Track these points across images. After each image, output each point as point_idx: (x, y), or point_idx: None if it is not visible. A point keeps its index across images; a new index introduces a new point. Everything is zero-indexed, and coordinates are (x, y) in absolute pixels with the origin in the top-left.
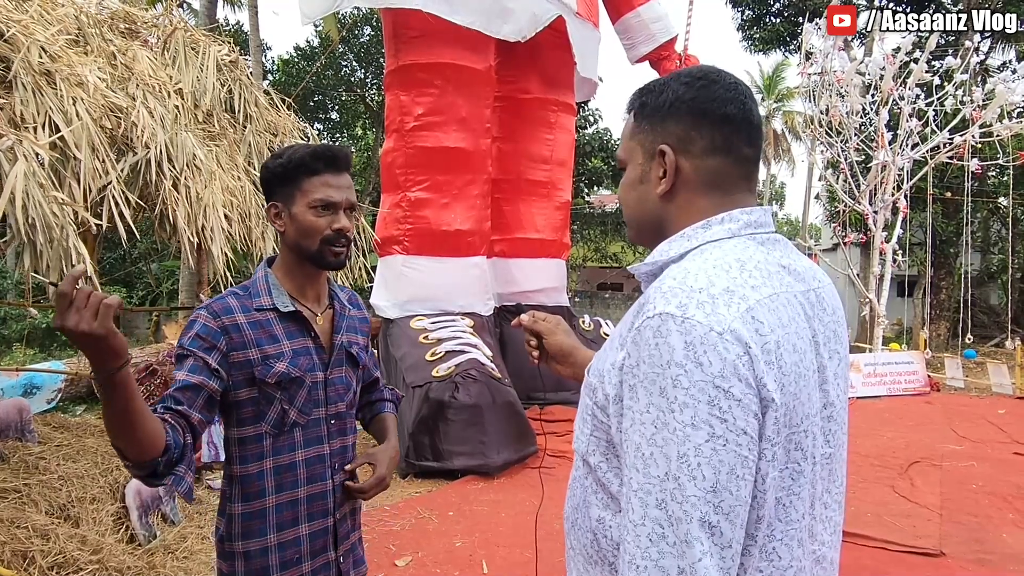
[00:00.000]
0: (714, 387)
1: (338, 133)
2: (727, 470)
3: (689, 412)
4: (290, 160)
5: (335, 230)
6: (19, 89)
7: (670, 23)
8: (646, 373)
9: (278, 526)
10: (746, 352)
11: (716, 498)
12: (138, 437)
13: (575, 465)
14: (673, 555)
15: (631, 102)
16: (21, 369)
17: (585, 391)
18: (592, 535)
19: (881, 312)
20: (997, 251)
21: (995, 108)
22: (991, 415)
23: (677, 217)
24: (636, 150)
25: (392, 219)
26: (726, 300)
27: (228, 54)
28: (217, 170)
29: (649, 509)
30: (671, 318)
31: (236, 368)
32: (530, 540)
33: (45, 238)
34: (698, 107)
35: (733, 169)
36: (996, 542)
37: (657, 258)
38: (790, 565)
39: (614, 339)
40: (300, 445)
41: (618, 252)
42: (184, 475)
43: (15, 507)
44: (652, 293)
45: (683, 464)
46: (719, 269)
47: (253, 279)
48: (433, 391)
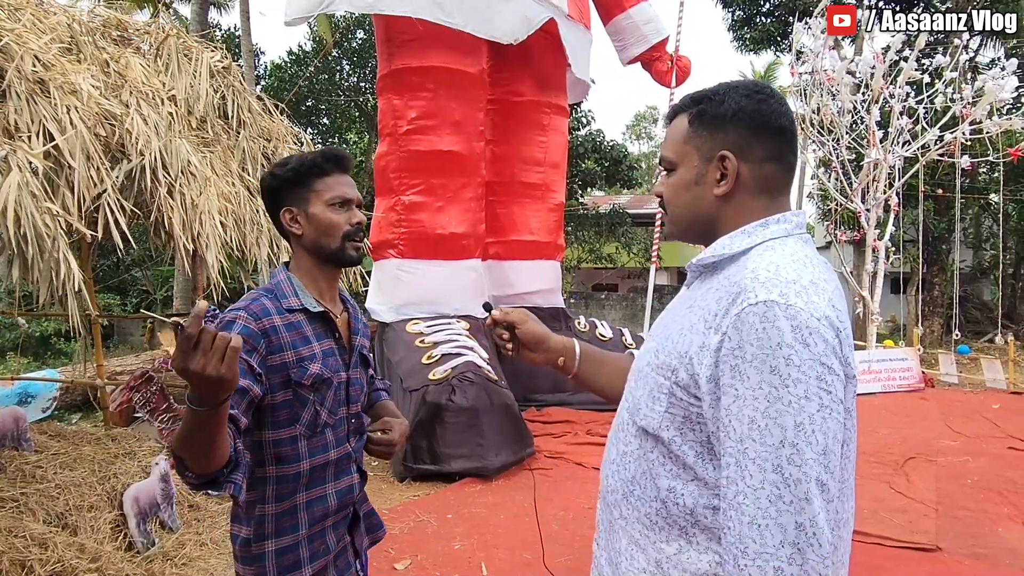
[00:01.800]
0: (820, 364)
1: (331, 138)
2: (832, 435)
3: (802, 386)
4: (301, 164)
5: (354, 224)
6: (13, 98)
7: (661, 24)
8: (754, 354)
9: (309, 522)
10: (837, 336)
11: (825, 459)
12: (213, 456)
13: (621, 440)
14: (791, 512)
15: (682, 108)
16: (16, 378)
17: (659, 371)
18: (661, 503)
19: (875, 310)
20: (989, 247)
21: (984, 105)
22: (985, 410)
23: (731, 217)
24: (691, 153)
25: (387, 223)
26: (816, 291)
27: (221, 60)
28: (212, 176)
29: (767, 474)
30: (776, 305)
31: (273, 371)
32: (529, 541)
33: (36, 250)
34: (758, 118)
35: (782, 175)
36: (991, 536)
37: (721, 251)
38: (843, 516)
39: (697, 323)
40: (332, 445)
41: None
42: (241, 483)
43: (12, 516)
44: (747, 283)
45: (800, 432)
46: (799, 264)
47: (275, 281)
48: (430, 394)
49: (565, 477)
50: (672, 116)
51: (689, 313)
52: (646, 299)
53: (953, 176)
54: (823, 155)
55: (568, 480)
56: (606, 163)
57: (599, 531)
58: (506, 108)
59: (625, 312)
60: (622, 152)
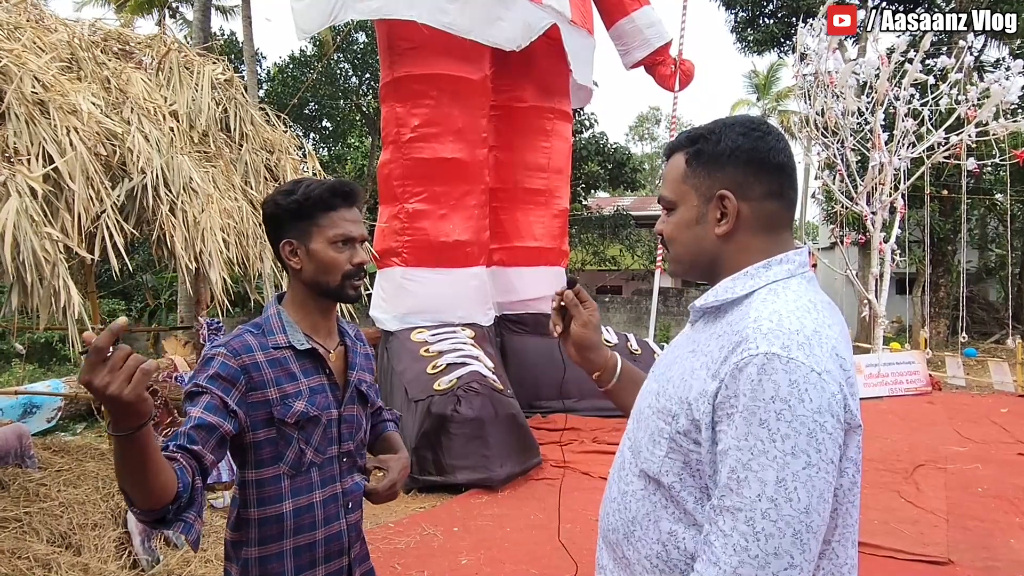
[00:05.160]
0: (813, 421)
1: (333, 142)
2: (818, 494)
3: (790, 442)
4: (307, 197)
5: (355, 264)
6: (12, 120)
7: (664, 28)
8: (746, 405)
9: (296, 569)
10: (840, 390)
11: (808, 518)
12: (149, 488)
13: (623, 479)
14: (753, 565)
15: (679, 146)
16: (20, 392)
17: (659, 415)
18: (662, 546)
19: (881, 312)
20: (995, 247)
21: (990, 107)
22: (994, 414)
23: (733, 256)
24: (690, 193)
25: (390, 231)
26: (818, 341)
27: (223, 72)
28: (214, 192)
29: (739, 524)
30: (777, 358)
31: (254, 408)
32: (535, 556)
33: (35, 276)
34: (756, 156)
35: (783, 212)
36: (1004, 548)
37: (724, 295)
38: (845, 562)
39: (699, 369)
40: (317, 486)
41: (616, 255)
42: (193, 522)
43: (16, 537)
44: (750, 332)
45: (780, 487)
46: (802, 310)
47: (265, 317)
48: (435, 405)
49: (572, 488)
50: (669, 154)
51: (692, 358)
52: (651, 302)
53: (958, 177)
54: (827, 157)
55: (575, 491)
56: (609, 165)
57: (599, 568)
58: (509, 114)
59: (630, 315)
60: (625, 154)
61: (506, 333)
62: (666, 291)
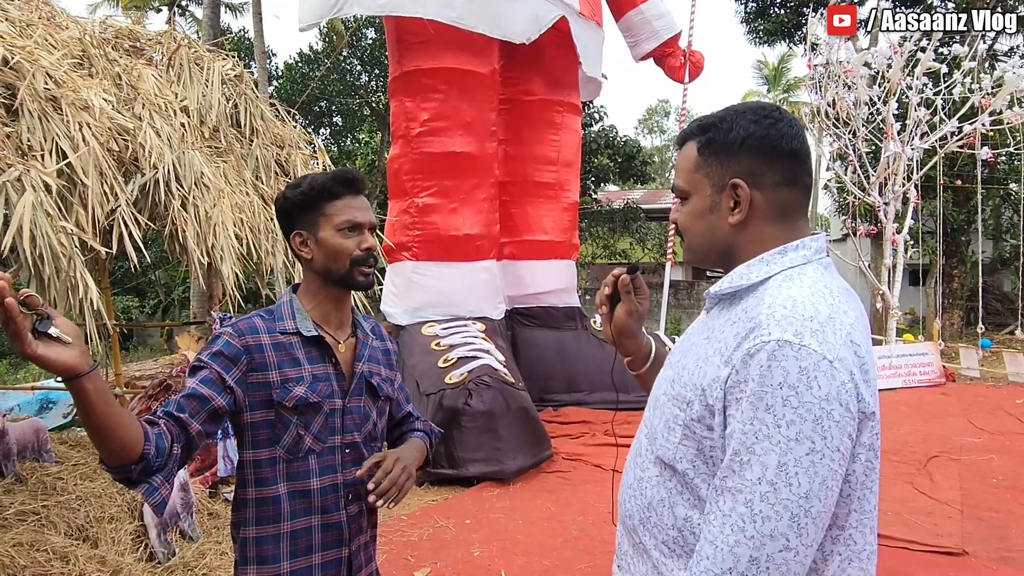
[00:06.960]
0: (820, 408)
1: (343, 137)
2: (820, 480)
3: (795, 428)
4: (311, 187)
5: (364, 250)
6: (25, 116)
7: (673, 19)
8: (753, 390)
9: (292, 554)
10: (851, 378)
11: (807, 503)
12: (108, 443)
13: (639, 465)
14: (748, 545)
15: (690, 135)
16: (36, 388)
17: (674, 402)
18: (678, 532)
19: (894, 304)
20: (1009, 238)
21: (1004, 95)
22: (1009, 405)
23: (748, 244)
24: (703, 183)
25: (400, 225)
26: (832, 328)
27: (232, 68)
28: (226, 187)
29: (738, 505)
30: (788, 345)
31: (254, 389)
32: (546, 548)
33: (52, 269)
34: (769, 144)
35: (798, 199)
36: (1019, 539)
37: (739, 282)
38: (863, 548)
39: (713, 355)
40: (315, 473)
41: (627, 249)
42: (159, 486)
43: (34, 530)
44: (763, 318)
45: (781, 472)
46: (817, 296)
47: (278, 304)
48: (447, 399)
49: (584, 480)
50: (681, 143)
51: (706, 344)
52: (662, 295)
53: (972, 166)
54: (839, 148)
55: (587, 483)
56: (619, 159)
57: (620, 554)
58: (518, 107)
59: None
60: (635, 147)
61: (517, 327)
62: (677, 284)
